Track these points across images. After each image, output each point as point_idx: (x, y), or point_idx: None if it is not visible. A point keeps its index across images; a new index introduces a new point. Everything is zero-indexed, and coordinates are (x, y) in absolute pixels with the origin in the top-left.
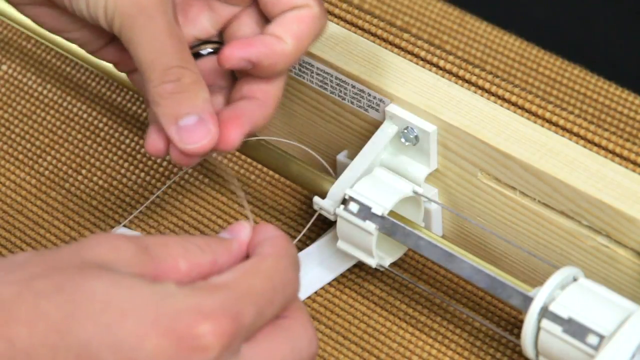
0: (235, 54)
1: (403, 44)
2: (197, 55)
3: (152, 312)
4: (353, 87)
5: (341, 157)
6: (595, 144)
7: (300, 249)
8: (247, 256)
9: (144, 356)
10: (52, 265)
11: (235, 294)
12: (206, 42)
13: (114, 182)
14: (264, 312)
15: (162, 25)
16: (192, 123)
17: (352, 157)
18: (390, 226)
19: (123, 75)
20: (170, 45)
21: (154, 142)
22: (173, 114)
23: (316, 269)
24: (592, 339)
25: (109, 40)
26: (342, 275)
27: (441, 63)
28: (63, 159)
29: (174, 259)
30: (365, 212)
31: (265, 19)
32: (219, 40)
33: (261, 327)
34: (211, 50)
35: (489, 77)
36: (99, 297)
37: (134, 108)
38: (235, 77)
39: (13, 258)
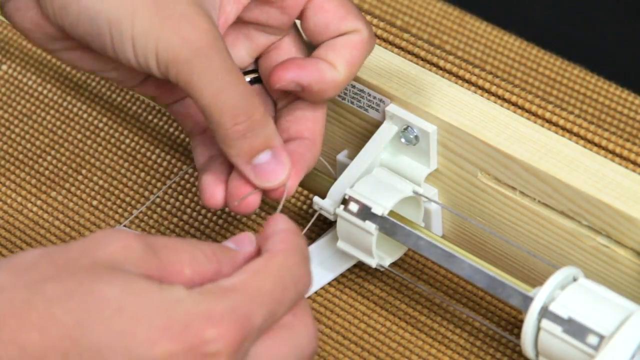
0: (287, 76)
1: (403, 44)
2: None
3: (162, 318)
4: (353, 87)
5: (341, 157)
6: (595, 144)
7: None
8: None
9: None
10: (63, 267)
11: (244, 296)
12: (244, 72)
13: (114, 182)
14: (275, 312)
15: (221, 64)
16: (266, 160)
17: (352, 157)
18: (390, 226)
19: None
20: (233, 83)
21: (212, 194)
22: (247, 153)
23: (316, 269)
24: (592, 339)
25: (147, 75)
26: (342, 275)
27: (441, 63)
28: (63, 159)
29: (181, 264)
30: (365, 212)
31: (307, 45)
32: (255, 69)
33: None
34: (249, 80)
35: (489, 77)
36: (111, 303)
37: (134, 108)
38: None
39: (22, 257)
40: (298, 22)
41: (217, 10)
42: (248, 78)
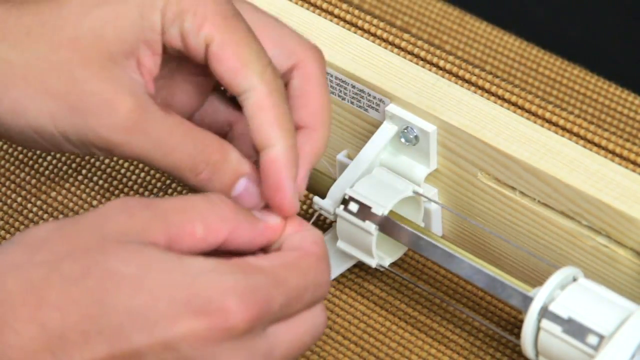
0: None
1: (403, 44)
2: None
3: (184, 292)
4: (353, 87)
5: (341, 157)
6: (595, 144)
7: None
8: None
9: (177, 337)
10: (75, 244)
11: (269, 280)
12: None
13: (114, 182)
14: (291, 306)
15: (158, 130)
16: (244, 187)
17: (352, 157)
18: (390, 226)
19: None
20: (179, 140)
21: None
22: (223, 191)
23: None
24: (592, 339)
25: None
26: (342, 275)
27: (441, 63)
28: (63, 159)
29: (192, 224)
30: (365, 212)
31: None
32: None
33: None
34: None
35: (489, 77)
36: (128, 280)
37: None
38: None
39: (34, 233)
40: None
41: (135, 70)
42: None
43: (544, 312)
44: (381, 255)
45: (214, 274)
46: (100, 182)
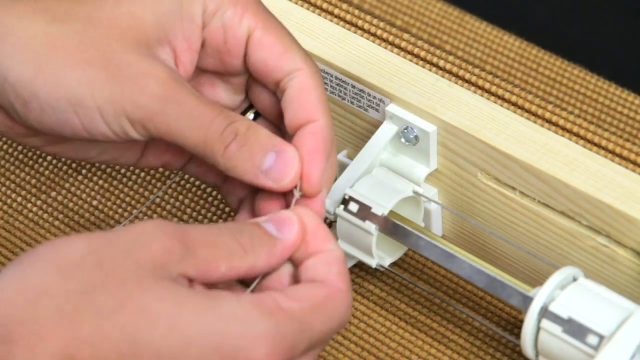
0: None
1: (403, 44)
2: None
3: (215, 338)
4: (353, 87)
5: (341, 157)
6: (595, 144)
7: None
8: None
9: None
10: (110, 274)
11: (297, 326)
12: (242, 113)
13: (114, 182)
14: (314, 348)
15: (192, 103)
16: (273, 160)
17: (352, 157)
18: (390, 226)
19: None
20: (209, 113)
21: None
22: (252, 165)
23: None
24: (592, 339)
25: (143, 147)
26: None
27: (441, 63)
28: (63, 159)
29: (217, 261)
30: (365, 212)
31: None
32: (250, 105)
33: None
34: (251, 118)
35: (489, 77)
36: (163, 322)
37: None
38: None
39: (67, 256)
40: None
41: (172, 60)
42: (251, 116)
43: (544, 312)
44: (381, 255)
45: (245, 320)
46: (100, 182)
